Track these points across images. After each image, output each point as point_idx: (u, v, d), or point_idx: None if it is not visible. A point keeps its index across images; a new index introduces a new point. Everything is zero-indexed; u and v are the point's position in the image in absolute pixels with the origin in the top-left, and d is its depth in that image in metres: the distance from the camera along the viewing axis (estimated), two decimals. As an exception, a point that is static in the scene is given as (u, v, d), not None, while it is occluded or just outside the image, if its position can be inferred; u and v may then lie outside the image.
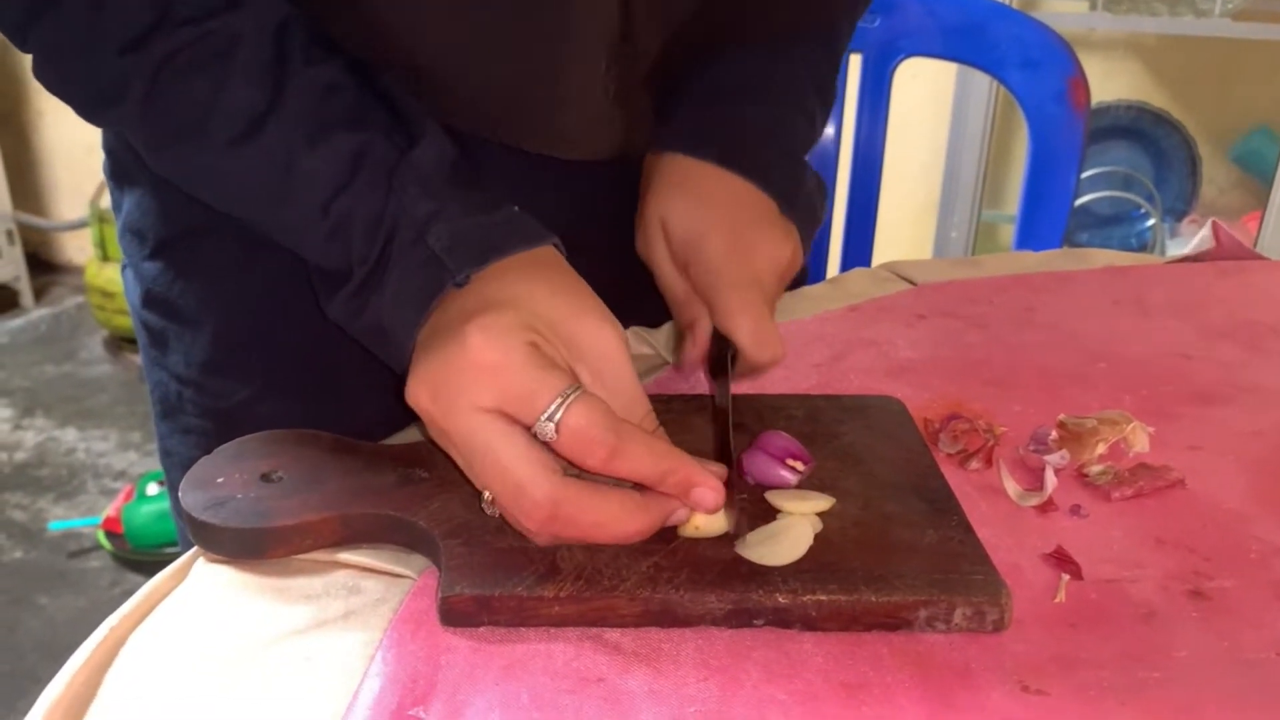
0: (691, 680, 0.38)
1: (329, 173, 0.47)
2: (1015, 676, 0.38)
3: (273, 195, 0.48)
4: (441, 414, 0.42)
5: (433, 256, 0.45)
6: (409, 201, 0.46)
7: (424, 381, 0.42)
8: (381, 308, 0.46)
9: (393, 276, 0.46)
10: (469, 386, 0.41)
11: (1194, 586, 0.44)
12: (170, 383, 0.65)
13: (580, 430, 0.40)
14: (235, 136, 0.47)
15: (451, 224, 0.46)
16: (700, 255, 0.55)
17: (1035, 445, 0.53)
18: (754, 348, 0.53)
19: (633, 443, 0.41)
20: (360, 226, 0.47)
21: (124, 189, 0.64)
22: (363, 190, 0.47)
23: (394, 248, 0.46)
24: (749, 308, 0.53)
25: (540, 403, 0.40)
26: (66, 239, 3.02)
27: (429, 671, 0.38)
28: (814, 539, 0.43)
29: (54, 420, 2.28)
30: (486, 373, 0.41)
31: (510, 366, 0.41)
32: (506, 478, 0.40)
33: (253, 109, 0.47)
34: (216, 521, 0.43)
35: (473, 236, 0.46)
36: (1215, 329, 0.70)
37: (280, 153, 0.47)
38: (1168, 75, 2.16)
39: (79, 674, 0.39)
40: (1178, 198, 2.19)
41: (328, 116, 0.47)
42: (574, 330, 0.43)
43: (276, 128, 0.47)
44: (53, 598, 1.76)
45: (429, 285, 0.45)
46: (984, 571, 0.42)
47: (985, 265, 0.80)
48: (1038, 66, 1.08)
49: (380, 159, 0.47)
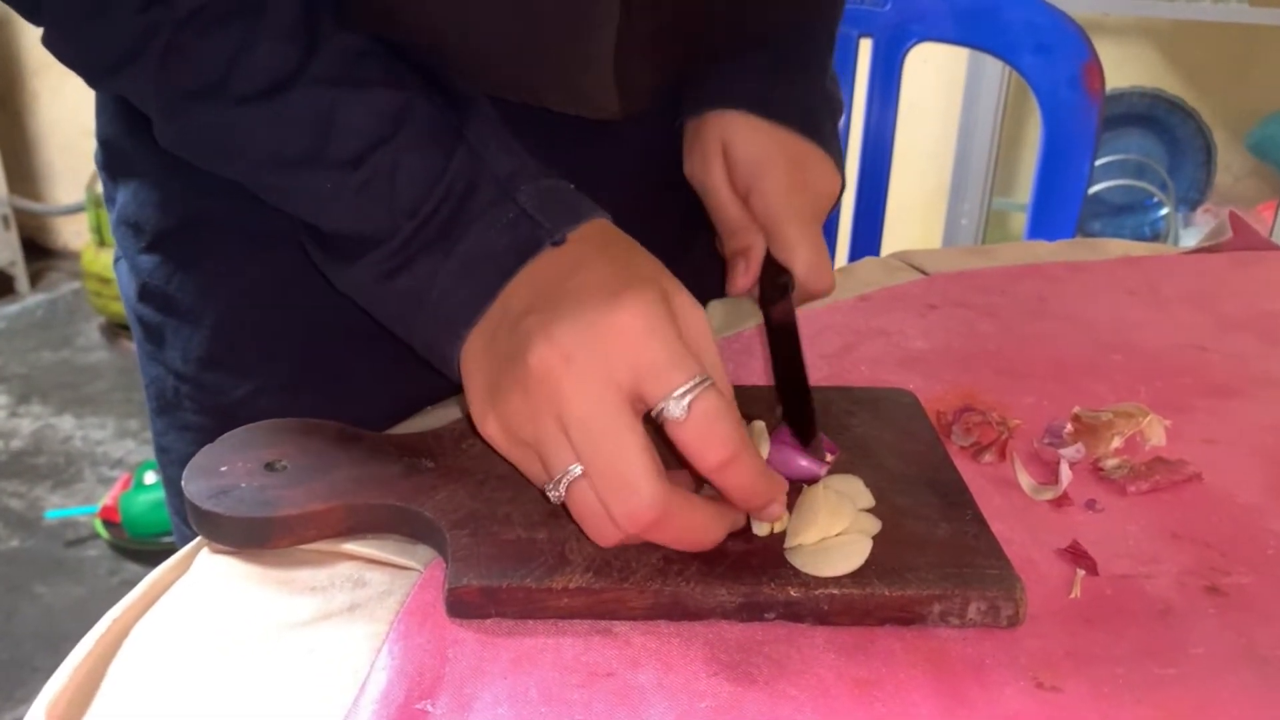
0: (702, 675, 0.38)
1: (368, 127, 0.45)
2: (1029, 672, 0.38)
3: (298, 155, 0.46)
4: (575, 381, 0.40)
5: (523, 214, 0.44)
6: (490, 158, 0.45)
7: (558, 344, 0.40)
8: (439, 269, 0.45)
9: (469, 235, 0.45)
10: (612, 353, 0.40)
11: (1210, 582, 0.44)
12: (167, 378, 0.65)
13: (711, 419, 0.39)
14: (262, 91, 0.45)
15: (537, 183, 0.45)
16: (763, 184, 0.58)
17: (1050, 438, 0.53)
18: (811, 278, 0.57)
19: (749, 453, 0.40)
20: (408, 181, 0.45)
21: (118, 181, 0.63)
22: (408, 145, 0.45)
23: (472, 204, 0.45)
24: (807, 240, 0.57)
25: (676, 380, 0.39)
26: (63, 224, 3.02)
27: (436, 665, 0.38)
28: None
29: (50, 407, 2.28)
30: (631, 341, 0.40)
31: (656, 338, 0.40)
32: (623, 470, 0.39)
33: (284, 64, 0.45)
34: (221, 510, 0.43)
35: (560, 196, 0.45)
36: (1231, 320, 0.69)
37: (310, 108, 0.45)
38: (1183, 61, 2.15)
39: (82, 665, 0.39)
40: (1192, 186, 2.18)
41: (364, 75, 0.46)
42: (675, 307, 0.43)
43: (308, 84, 0.45)
44: (50, 587, 1.76)
45: (521, 244, 0.44)
46: (998, 566, 0.42)
47: (998, 255, 0.80)
48: (1051, 51, 1.08)
49: (426, 117, 0.46)
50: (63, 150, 2.93)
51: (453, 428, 0.49)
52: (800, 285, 0.57)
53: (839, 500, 0.44)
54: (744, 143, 0.59)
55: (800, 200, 0.58)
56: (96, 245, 2.56)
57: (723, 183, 0.60)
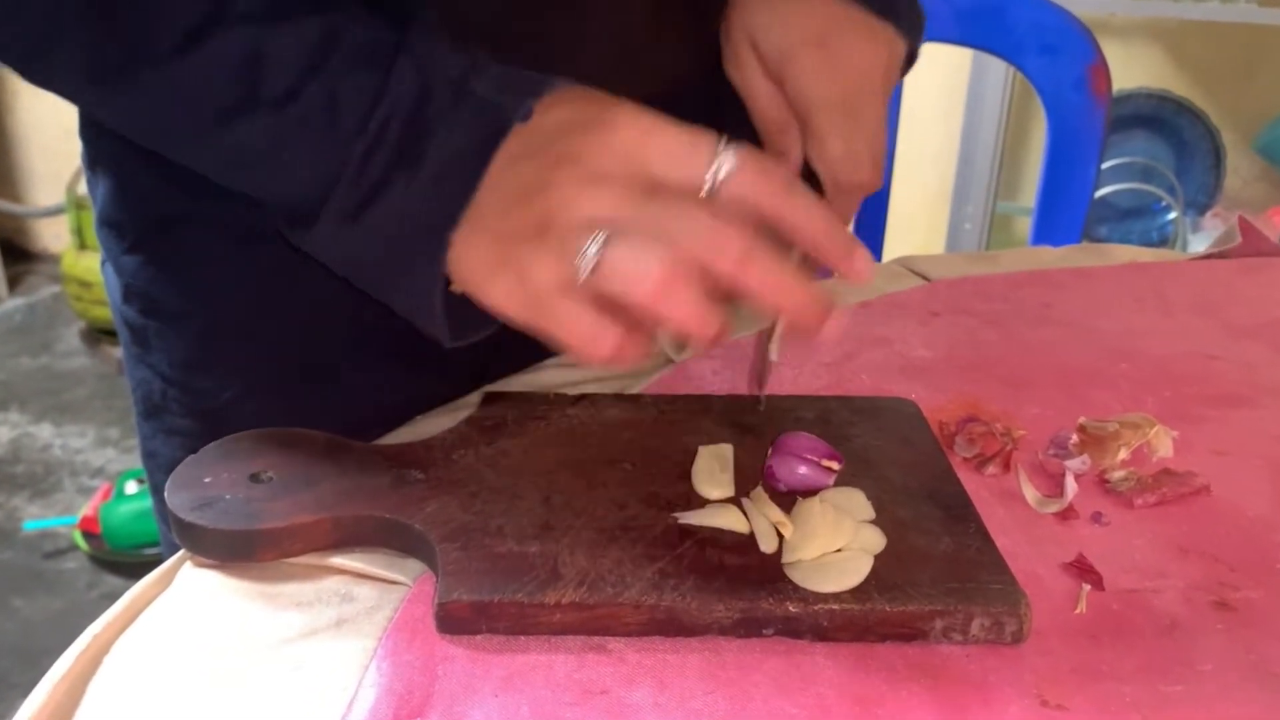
0: (698, 693, 0.38)
1: (296, 58, 0.44)
2: (1034, 690, 0.38)
3: (231, 104, 0.45)
4: (595, 174, 0.40)
5: (483, 103, 0.44)
6: (439, 61, 0.45)
7: (570, 162, 0.41)
8: (407, 188, 0.44)
9: (432, 145, 0.44)
10: (631, 154, 0.40)
11: (1219, 597, 0.44)
12: (153, 381, 0.65)
13: (755, 159, 0.40)
14: (182, 44, 0.44)
15: (491, 70, 0.45)
16: (789, 70, 0.54)
17: (1055, 449, 0.53)
18: (842, 170, 0.52)
19: (801, 184, 0.41)
20: (349, 103, 0.44)
21: (99, 177, 0.64)
22: (342, 68, 0.44)
23: (428, 113, 0.44)
24: (836, 128, 0.52)
25: (705, 149, 0.40)
26: (42, 226, 3.02)
27: (425, 682, 0.38)
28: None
29: (29, 415, 2.28)
30: (647, 138, 0.41)
31: (663, 126, 0.41)
32: (704, 227, 0.39)
33: (197, 11, 0.44)
34: (204, 523, 0.43)
35: (519, 76, 0.45)
36: (1241, 328, 0.70)
37: (234, 51, 0.44)
38: (1190, 62, 2.16)
39: (61, 683, 0.39)
40: (1200, 190, 2.19)
41: (284, 6, 0.45)
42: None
43: (228, 26, 0.44)
44: (28, 600, 1.76)
45: (487, 130, 0.43)
46: (1002, 581, 0.42)
47: (1002, 261, 0.80)
48: (1056, 52, 1.08)
49: (355, 36, 0.45)
50: (43, 151, 2.93)
51: (443, 438, 0.50)
52: (833, 183, 0.53)
53: (838, 516, 0.44)
54: (767, 28, 0.55)
55: (830, 81, 0.53)
56: (77, 248, 2.55)
57: (757, 79, 0.56)
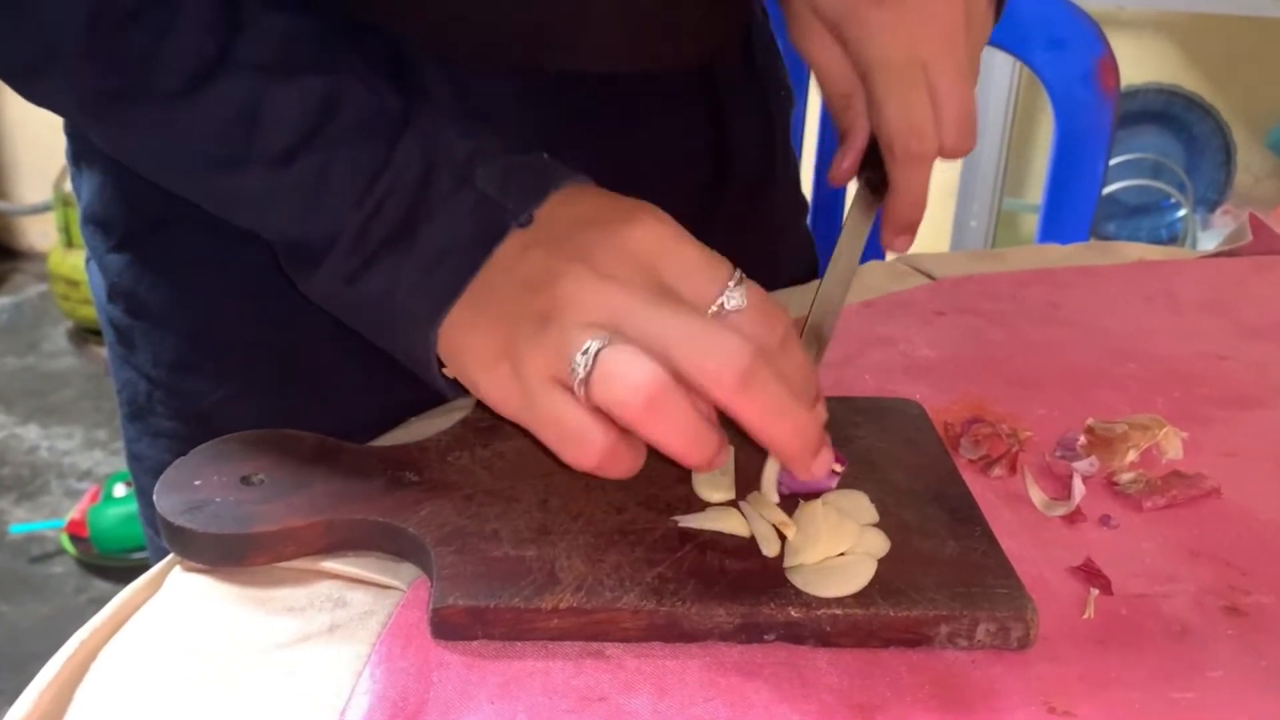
0: (698, 699, 0.38)
1: (294, 120, 0.44)
2: (1041, 697, 0.38)
3: (224, 155, 0.45)
4: (603, 282, 0.40)
5: (483, 198, 0.44)
6: (445, 143, 0.45)
7: (580, 258, 0.40)
8: (401, 267, 0.44)
9: (429, 228, 0.44)
10: (646, 258, 0.40)
11: (1230, 602, 0.44)
12: (139, 383, 0.64)
13: (763, 299, 0.40)
14: (183, 85, 0.44)
15: (498, 162, 0.45)
16: (849, 32, 0.51)
17: (1062, 451, 0.53)
18: (903, 141, 0.50)
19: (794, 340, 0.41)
20: (344, 175, 0.44)
21: (84, 174, 0.64)
22: (341, 137, 0.45)
23: (429, 194, 0.44)
24: (897, 94, 0.49)
25: (723, 272, 0.40)
26: (28, 224, 3.02)
27: (420, 689, 0.38)
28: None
29: (15, 416, 2.28)
30: (665, 247, 0.41)
31: (685, 240, 0.41)
32: (700, 341, 0.38)
33: (201, 54, 0.44)
34: (194, 526, 0.43)
35: (525, 170, 0.44)
36: (1252, 327, 0.70)
37: (234, 101, 0.44)
38: (1201, 57, 2.16)
39: (47, 690, 0.39)
40: (1210, 187, 2.19)
41: (291, 61, 0.45)
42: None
43: (231, 73, 0.44)
44: (14, 605, 1.76)
45: (484, 230, 0.43)
46: (1008, 585, 0.42)
47: (1008, 259, 0.80)
48: (1064, 46, 1.08)
49: (359, 103, 0.45)
50: (29, 147, 2.93)
51: (438, 440, 0.49)
52: (898, 154, 0.50)
53: (841, 520, 0.44)
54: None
55: (893, 40, 0.49)
56: (64, 246, 2.55)
57: (821, 47, 0.53)
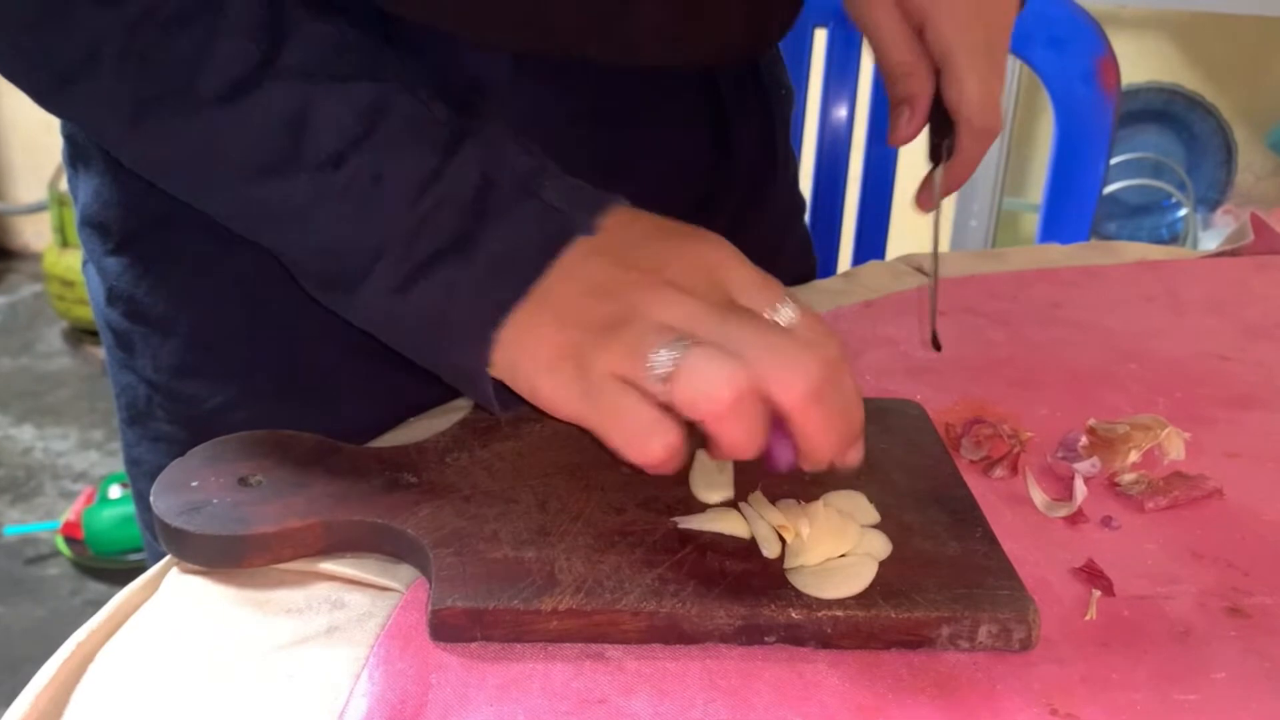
0: (699, 702, 0.38)
1: (344, 123, 0.45)
2: (1043, 699, 0.38)
3: (271, 160, 0.45)
4: (676, 292, 0.42)
5: (550, 208, 0.45)
6: (510, 156, 0.46)
7: (650, 268, 0.43)
8: (460, 274, 0.44)
9: (491, 235, 0.45)
10: (714, 271, 0.43)
11: (1233, 603, 0.44)
12: (138, 387, 0.64)
13: (815, 316, 0.43)
14: (227, 90, 0.44)
15: (562, 179, 0.47)
16: (935, 13, 0.57)
17: (1064, 452, 0.53)
18: (978, 114, 0.57)
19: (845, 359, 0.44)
20: (397, 180, 0.45)
21: (80, 176, 0.64)
22: (390, 141, 0.45)
23: (489, 203, 0.45)
24: (976, 72, 0.57)
25: (777, 291, 0.43)
26: (23, 223, 3.01)
27: (419, 691, 0.38)
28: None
29: (10, 417, 2.28)
30: (729, 264, 0.43)
31: (742, 256, 0.44)
32: (777, 350, 0.40)
33: (246, 61, 0.44)
34: (191, 528, 0.43)
35: (585, 190, 0.47)
36: (1254, 327, 0.70)
37: (280, 106, 0.45)
38: (1202, 55, 2.16)
39: (44, 693, 0.39)
40: (1211, 186, 2.19)
41: (337, 68, 0.46)
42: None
43: (276, 79, 0.45)
44: (9, 607, 1.75)
45: (551, 236, 0.45)
46: (1010, 586, 0.42)
47: (1009, 259, 0.80)
48: (1064, 45, 1.08)
49: (406, 111, 0.46)
50: (24, 147, 2.92)
51: (437, 441, 0.49)
52: (966, 123, 0.57)
53: (842, 521, 0.44)
54: None
55: (975, 24, 0.57)
56: (59, 246, 2.55)
57: (889, 20, 0.58)
